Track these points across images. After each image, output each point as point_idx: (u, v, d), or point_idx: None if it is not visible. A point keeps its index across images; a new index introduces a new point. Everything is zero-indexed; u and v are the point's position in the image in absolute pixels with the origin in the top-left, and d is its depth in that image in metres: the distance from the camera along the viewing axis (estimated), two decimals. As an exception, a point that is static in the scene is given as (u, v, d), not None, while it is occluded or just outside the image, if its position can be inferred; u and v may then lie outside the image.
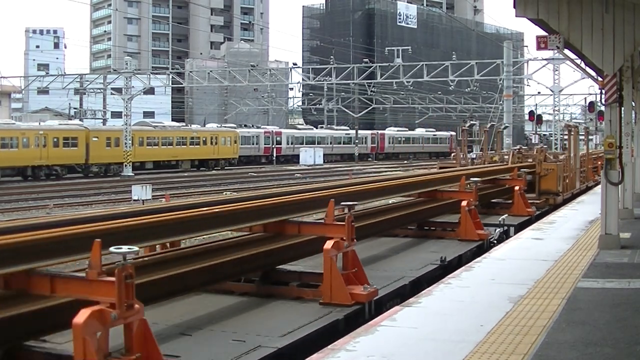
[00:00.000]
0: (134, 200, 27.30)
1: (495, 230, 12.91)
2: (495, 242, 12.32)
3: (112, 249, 4.84)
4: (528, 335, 6.23)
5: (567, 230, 13.10)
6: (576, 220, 14.56)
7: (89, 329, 4.57)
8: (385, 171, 50.58)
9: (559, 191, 18.70)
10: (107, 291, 4.74)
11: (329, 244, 7.34)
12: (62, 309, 5.16)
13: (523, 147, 24.57)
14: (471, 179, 13.24)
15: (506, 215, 14.50)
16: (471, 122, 33.17)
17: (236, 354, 5.78)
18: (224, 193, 26.27)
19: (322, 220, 7.90)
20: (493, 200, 16.49)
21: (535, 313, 7.00)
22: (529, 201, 16.51)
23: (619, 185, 11.66)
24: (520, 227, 14.16)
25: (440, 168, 19.78)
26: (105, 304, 4.72)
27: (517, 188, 16.20)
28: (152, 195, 28.78)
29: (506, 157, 21.17)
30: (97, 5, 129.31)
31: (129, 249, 4.84)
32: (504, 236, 13.08)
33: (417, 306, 7.37)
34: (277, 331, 6.37)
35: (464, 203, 12.38)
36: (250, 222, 7.60)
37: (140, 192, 28.15)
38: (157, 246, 7.39)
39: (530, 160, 19.54)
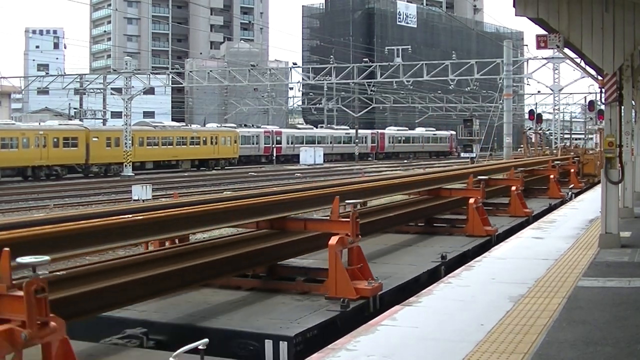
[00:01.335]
0: (134, 200, 27.31)
1: (568, 193, 20.25)
2: (567, 200, 19.28)
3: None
4: (528, 334, 6.23)
5: (568, 229, 13.10)
6: (576, 219, 14.56)
7: None
8: (386, 170, 50.55)
9: (596, 174, 25.64)
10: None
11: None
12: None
13: (566, 145, 38.15)
14: (555, 162, 22.82)
15: (572, 185, 22.18)
16: (529, 127, 43.49)
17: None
18: (224, 193, 26.26)
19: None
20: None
21: (535, 312, 7.00)
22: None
23: (619, 184, 11.66)
24: (577, 195, 20.91)
25: (515, 158, 28.39)
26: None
27: (572, 170, 24.12)
28: (153, 195, 28.81)
29: (554, 151, 33.33)
30: (96, 5, 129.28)
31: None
32: (572, 198, 19.90)
33: (418, 305, 7.37)
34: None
35: (552, 176, 20.40)
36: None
37: (141, 192, 28.19)
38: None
39: (572, 153, 29.43)
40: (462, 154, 59.03)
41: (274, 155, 71.39)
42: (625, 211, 14.38)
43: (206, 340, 5.32)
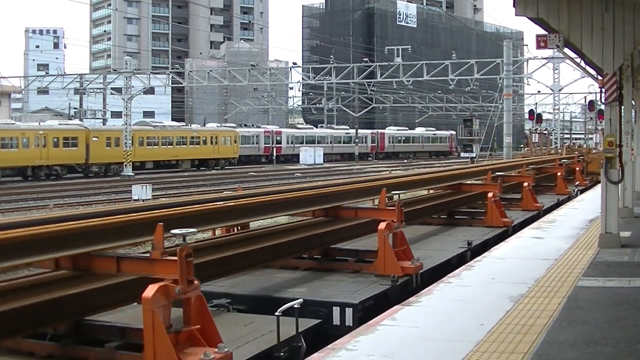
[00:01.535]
0: (134, 200, 27.31)
1: (574, 190, 21.64)
2: (574, 196, 20.73)
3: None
4: (528, 334, 6.23)
5: (568, 229, 13.10)
6: (576, 219, 14.56)
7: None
8: (386, 170, 50.53)
9: (599, 172, 27.82)
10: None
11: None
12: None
13: (571, 145, 42.38)
14: (562, 160, 23.64)
15: (578, 182, 23.59)
16: (535, 128, 46.18)
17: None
18: (223, 193, 26.26)
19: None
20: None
21: (535, 312, 7.00)
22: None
23: (619, 184, 11.66)
24: (582, 191, 22.03)
25: (522, 157, 31.87)
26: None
27: (577, 169, 25.50)
28: (153, 195, 28.81)
29: (559, 150, 35.72)
30: (96, 5, 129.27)
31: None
32: (578, 194, 21.14)
33: (418, 305, 7.38)
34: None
35: (559, 173, 21.58)
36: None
37: (141, 192, 28.21)
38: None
39: (576, 152, 31.28)
40: (462, 154, 59.13)
41: (274, 155, 71.38)
42: (625, 211, 14.38)
43: (301, 300, 6.36)
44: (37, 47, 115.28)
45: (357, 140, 79.08)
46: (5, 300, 5.33)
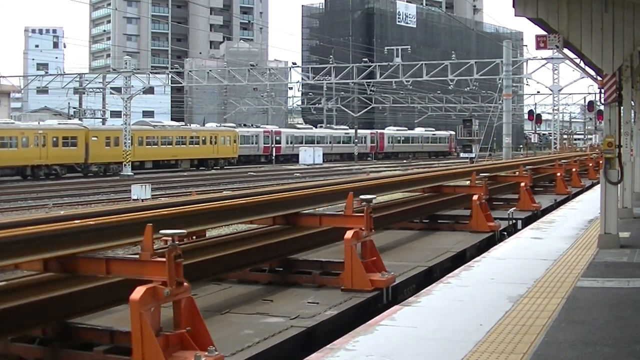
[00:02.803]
0: (134, 199, 27.30)
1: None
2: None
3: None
4: (527, 334, 6.22)
5: (567, 230, 13.09)
6: (576, 220, 14.55)
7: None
8: (385, 170, 50.53)
9: None
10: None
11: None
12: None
13: (593, 143, 49.53)
14: (593, 155, 30.86)
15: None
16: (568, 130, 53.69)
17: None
18: (223, 192, 26.22)
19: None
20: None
21: (534, 312, 7.00)
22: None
23: (618, 185, 11.65)
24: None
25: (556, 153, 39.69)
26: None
27: (601, 162, 26.13)
28: (152, 195, 28.79)
29: (583, 148, 41.77)
30: (96, 4, 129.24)
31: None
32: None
33: (417, 305, 7.37)
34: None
35: (590, 164, 28.38)
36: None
37: (140, 192, 28.19)
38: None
39: (597, 150, 37.42)
40: (461, 154, 59.15)
41: (274, 155, 71.39)
42: (625, 212, 14.37)
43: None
44: (37, 46, 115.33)
45: (356, 140, 79.08)
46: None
